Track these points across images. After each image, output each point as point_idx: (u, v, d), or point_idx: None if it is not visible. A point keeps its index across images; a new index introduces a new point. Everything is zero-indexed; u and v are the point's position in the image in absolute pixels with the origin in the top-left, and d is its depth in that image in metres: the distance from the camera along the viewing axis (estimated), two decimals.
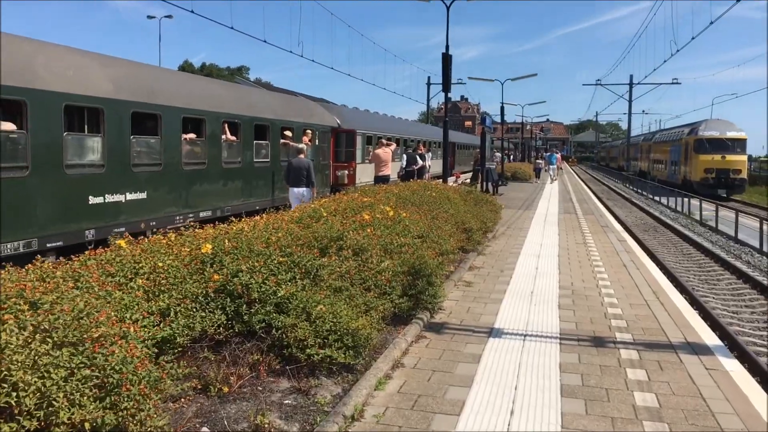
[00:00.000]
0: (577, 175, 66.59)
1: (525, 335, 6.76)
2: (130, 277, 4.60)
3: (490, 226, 14.24)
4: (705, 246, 19.63)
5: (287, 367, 4.97)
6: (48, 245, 9.85)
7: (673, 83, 63.62)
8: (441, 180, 20.63)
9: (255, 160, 16.37)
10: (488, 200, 16.18)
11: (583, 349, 6.35)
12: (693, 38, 27.28)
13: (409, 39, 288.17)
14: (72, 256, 4.88)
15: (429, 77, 62.97)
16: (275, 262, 5.47)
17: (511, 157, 66.57)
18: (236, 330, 5.02)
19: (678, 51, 35.58)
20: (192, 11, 16.09)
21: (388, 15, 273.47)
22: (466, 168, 44.56)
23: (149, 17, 54.71)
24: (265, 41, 29.32)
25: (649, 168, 57.60)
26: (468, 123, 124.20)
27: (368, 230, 7.10)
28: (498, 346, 6.32)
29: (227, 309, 5.01)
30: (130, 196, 11.64)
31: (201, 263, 5.24)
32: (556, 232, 15.76)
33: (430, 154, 30.62)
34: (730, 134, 40.55)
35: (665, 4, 65.70)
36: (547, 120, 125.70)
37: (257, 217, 7.22)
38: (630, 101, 63.55)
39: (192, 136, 13.87)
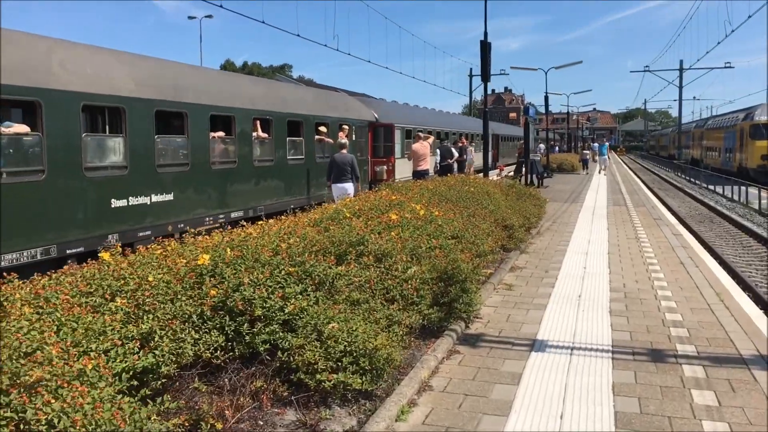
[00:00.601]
0: (625, 164, 64.62)
1: (572, 348, 5.99)
2: (109, 296, 4.02)
3: (533, 222, 13.40)
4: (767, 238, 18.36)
5: (293, 397, 4.32)
6: (68, 251, 9.45)
7: (725, 67, 61.13)
8: (482, 174, 19.78)
9: (289, 157, 15.84)
10: (531, 194, 15.31)
11: (640, 365, 5.56)
12: (750, 17, 25.69)
13: (451, 32, 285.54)
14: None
15: (471, 68, 61.68)
16: (283, 273, 4.83)
17: (557, 148, 64.88)
18: (237, 353, 4.41)
19: (733, 31, 33.63)
20: (221, 6, 15.59)
21: (428, 10, 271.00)
22: (510, 160, 43.51)
23: (190, 18, 54.72)
24: (298, 35, 28.79)
25: (702, 156, 55.44)
26: (512, 114, 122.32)
27: (392, 233, 6.41)
28: (541, 363, 5.58)
29: (226, 329, 4.40)
30: (155, 198, 11.20)
31: (199, 276, 4.63)
32: (605, 227, 14.81)
33: (472, 147, 29.76)
34: None
35: None
36: (594, 109, 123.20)
37: (272, 221, 6.60)
38: (680, 87, 61.34)
39: (221, 134, 13.41)
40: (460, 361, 5.62)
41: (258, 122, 14.63)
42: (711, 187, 35.96)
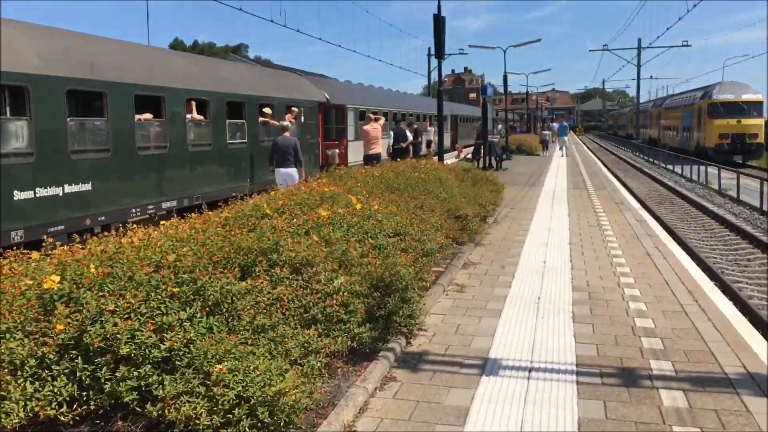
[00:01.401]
0: (584, 144, 64.47)
1: (530, 369, 5.07)
2: None
3: (490, 210, 12.49)
4: (729, 220, 17.83)
5: None
6: None
7: (683, 46, 61.21)
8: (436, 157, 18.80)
9: (229, 141, 14.65)
10: (488, 179, 14.40)
11: (610, 390, 4.66)
12: None
13: (413, 12, 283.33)
14: None
15: (429, 48, 60.60)
16: (164, 294, 3.78)
17: (517, 129, 64.30)
18: (93, 405, 3.36)
19: (695, 6, 33.14)
20: None
21: None
22: (469, 141, 42.73)
23: None
24: (240, 9, 27.57)
25: (660, 135, 55.46)
26: (472, 95, 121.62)
27: (314, 237, 5.37)
28: (493, 391, 4.63)
29: (80, 374, 3.35)
30: (69, 188, 9.98)
31: (50, 303, 3.55)
32: (565, 213, 14.00)
33: (433, 128, 28.81)
34: (746, 97, 38.42)
35: None
36: (553, 89, 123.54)
37: (168, 222, 5.50)
38: (638, 66, 61.34)
39: (148, 116, 12.17)
40: (396, 392, 4.64)
41: (193, 103, 13.43)
42: (670, 167, 35.66)
